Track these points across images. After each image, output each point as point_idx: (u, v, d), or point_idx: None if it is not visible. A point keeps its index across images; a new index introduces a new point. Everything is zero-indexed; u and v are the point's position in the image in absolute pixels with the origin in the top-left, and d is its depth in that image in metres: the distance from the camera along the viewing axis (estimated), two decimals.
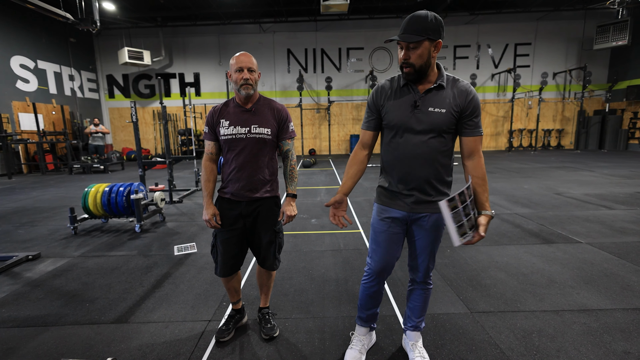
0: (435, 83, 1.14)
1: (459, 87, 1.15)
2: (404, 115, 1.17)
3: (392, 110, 1.19)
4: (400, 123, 1.17)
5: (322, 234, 3.19)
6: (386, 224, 1.28)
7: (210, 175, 1.53)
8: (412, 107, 1.16)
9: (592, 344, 1.51)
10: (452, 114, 1.14)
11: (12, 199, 5.15)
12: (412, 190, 1.21)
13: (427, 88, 1.15)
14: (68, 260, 2.67)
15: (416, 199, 1.21)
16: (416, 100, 1.15)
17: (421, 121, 1.15)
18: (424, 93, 1.15)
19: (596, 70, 11.36)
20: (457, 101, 1.14)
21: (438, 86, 1.14)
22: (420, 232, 1.27)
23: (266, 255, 1.58)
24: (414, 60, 1.09)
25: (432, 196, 1.21)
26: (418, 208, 1.22)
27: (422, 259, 1.31)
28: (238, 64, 1.41)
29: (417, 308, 1.40)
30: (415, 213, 1.23)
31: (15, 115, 8.50)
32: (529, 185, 5.28)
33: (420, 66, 1.10)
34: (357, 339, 1.46)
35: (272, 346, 1.56)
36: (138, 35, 11.30)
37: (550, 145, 11.98)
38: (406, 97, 1.17)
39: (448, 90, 1.14)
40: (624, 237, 2.89)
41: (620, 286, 2.04)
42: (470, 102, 1.14)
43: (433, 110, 1.13)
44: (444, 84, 1.14)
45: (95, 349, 1.57)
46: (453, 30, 11.40)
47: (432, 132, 1.14)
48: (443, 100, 1.14)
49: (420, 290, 1.38)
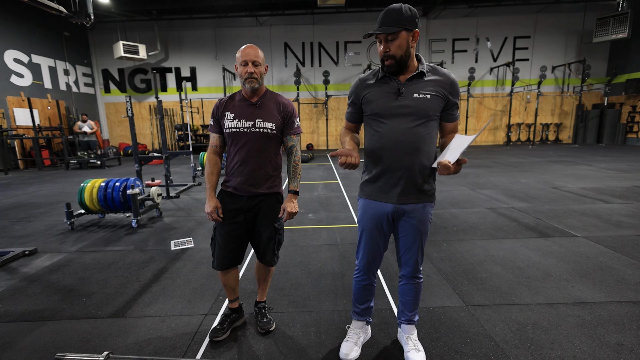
0: (417, 70, 1.17)
1: (441, 74, 1.17)
2: (387, 102, 1.18)
3: (375, 98, 1.20)
4: (384, 110, 1.18)
5: (319, 229, 3.19)
6: (372, 218, 1.29)
7: (213, 168, 1.52)
8: (395, 95, 1.17)
9: (586, 336, 1.52)
10: (438, 100, 1.16)
11: (8, 195, 5.12)
12: (399, 179, 1.21)
13: (408, 77, 1.17)
14: (65, 255, 2.67)
15: (402, 189, 1.22)
16: (399, 88, 1.17)
17: (406, 107, 1.16)
18: (407, 81, 1.17)
19: (595, 63, 11.30)
20: (442, 86, 1.16)
21: (419, 73, 1.16)
22: (406, 227, 1.27)
23: (265, 251, 1.57)
24: (394, 51, 1.12)
25: (418, 185, 1.21)
26: (404, 199, 1.23)
27: (411, 254, 1.31)
28: (243, 57, 1.39)
29: (409, 302, 1.41)
30: (401, 204, 1.23)
31: (10, 111, 8.40)
32: (527, 180, 5.29)
33: (400, 57, 1.13)
34: (353, 332, 1.48)
35: (268, 340, 1.57)
36: (133, 28, 11.11)
37: (548, 139, 11.98)
38: (388, 86, 1.19)
39: (431, 77, 1.17)
40: (620, 230, 2.91)
41: (615, 279, 2.05)
42: (453, 87, 1.17)
43: (418, 96, 1.15)
44: (425, 71, 1.16)
45: (92, 343, 1.57)
46: (451, 23, 11.27)
47: (418, 118, 1.16)
48: (427, 86, 1.16)
49: (410, 285, 1.38)
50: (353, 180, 5.70)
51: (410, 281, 1.38)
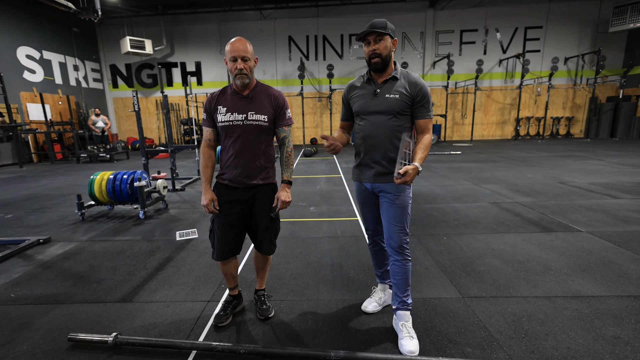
0: (390, 75, 1.44)
1: (409, 79, 1.43)
2: (366, 102, 1.46)
3: (358, 99, 1.49)
4: (364, 108, 1.47)
5: (320, 222, 3.23)
6: (362, 195, 1.58)
7: (208, 161, 1.56)
8: (372, 95, 1.45)
9: (582, 329, 1.53)
10: (404, 99, 1.41)
11: (23, 187, 5.33)
12: (375, 163, 1.47)
13: (384, 79, 1.44)
14: (76, 244, 2.79)
15: (376, 172, 1.47)
16: (375, 90, 1.45)
17: (380, 104, 1.43)
18: (382, 83, 1.44)
19: (611, 54, 10.89)
20: (408, 90, 1.41)
21: (392, 77, 1.43)
22: (385, 203, 1.48)
23: (262, 240, 1.62)
24: (381, 50, 1.37)
25: (389, 169, 1.45)
26: (379, 179, 1.47)
27: (393, 229, 1.46)
28: (232, 52, 1.40)
29: (400, 282, 1.49)
30: (377, 183, 1.48)
31: (23, 106, 8.64)
32: (533, 175, 5.20)
33: (385, 56, 1.38)
34: (377, 293, 1.76)
35: (267, 326, 1.63)
36: (139, 24, 11.21)
37: (558, 133, 11.68)
38: (368, 88, 1.47)
39: (401, 81, 1.43)
40: (626, 226, 2.86)
41: (617, 274, 2.03)
42: (419, 92, 1.41)
43: (389, 96, 1.42)
44: (397, 75, 1.43)
45: (101, 325, 1.66)
46: (459, 14, 10.99)
47: (389, 113, 1.42)
48: (396, 88, 1.42)
49: (399, 262, 1.47)
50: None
51: (398, 257, 1.47)
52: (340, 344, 1.47)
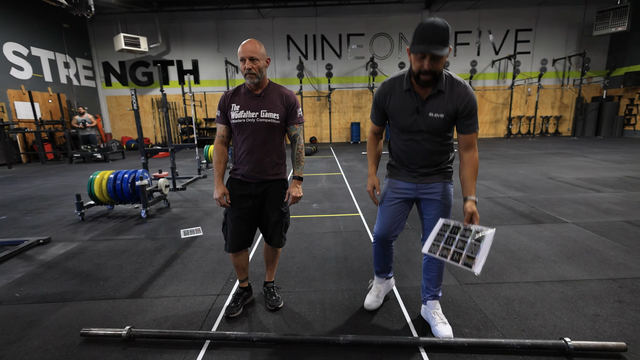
0: (435, 89, 1.25)
1: (456, 91, 1.25)
2: (408, 120, 1.34)
3: (397, 114, 1.36)
4: (405, 127, 1.36)
5: (323, 218, 3.32)
6: (395, 195, 1.48)
7: (221, 157, 1.62)
8: (415, 113, 1.31)
9: (567, 309, 1.67)
10: (449, 117, 1.28)
11: (14, 188, 5.22)
12: (421, 167, 1.42)
13: (428, 94, 1.27)
14: (78, 244, 2.78)
15: (423, 173, 1.42)
16: (418, 107, 1.29)
17: (422, 124, 1.32)
18: (426, 99, 1.28)
19: (595, 56, 11.30)
20: (454, 105, 1.26)
21: (438, 92, 1.26)
22: (430, 205, 1.43)
23: (273, 234, 1.69)
24: (439, 68, 1.18)
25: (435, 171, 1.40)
26: (426, 179, 1.42)
27: (430, 227, 1.41)
28: (241, 53, 1.48)
29: (434, 278, 1.54)
30: (423, 184, 1.42)
31: (11, 104, 8.42)
32: (524, 171, 5.41)
33: (439, 73, 1.21)
34: (375, 287, 1.75)
35: (277, 315, 1.70)
36: (134, 20, 11.01)
37: (548, 132, 12.06)
38: (409, 102, 1.31)
39: (447, 94, 1.26)
40: (607, 217, 3.05)
41: (598, 260, 2.19)
42: (466, 106, 1.25)
43: (432, 115, 1.28)
44: (443, 89, 1.25)
45: (113, 319, 1.70)
46: (454, 16, 11.20)
47: (432, 134, 1.33)
48: (441, 105, 1.27)
49: (436, 261, 1.49)
50: (356, 172, 5.81)
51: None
52: (349, 330, 1.56)
